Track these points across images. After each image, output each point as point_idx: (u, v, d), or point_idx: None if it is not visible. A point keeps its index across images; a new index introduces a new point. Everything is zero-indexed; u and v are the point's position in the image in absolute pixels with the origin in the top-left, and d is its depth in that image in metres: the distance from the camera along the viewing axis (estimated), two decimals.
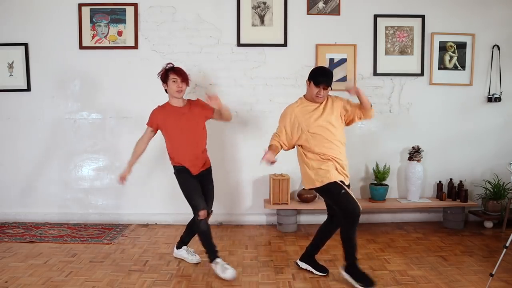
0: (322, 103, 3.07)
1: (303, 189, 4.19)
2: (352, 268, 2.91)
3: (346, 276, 2.91)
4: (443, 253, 3.51)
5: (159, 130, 3.26)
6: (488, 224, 4.24)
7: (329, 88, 3.02)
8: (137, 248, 3.64)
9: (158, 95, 4.21)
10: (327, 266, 3.23)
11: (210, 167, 3.36)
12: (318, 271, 3.11)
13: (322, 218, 4.35)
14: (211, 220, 4.31)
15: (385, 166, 4.24)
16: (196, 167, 3.22)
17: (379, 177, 4.18)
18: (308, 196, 4.15)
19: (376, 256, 3.46)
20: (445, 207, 4.24)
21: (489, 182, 4.25)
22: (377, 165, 4.23)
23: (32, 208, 4.36)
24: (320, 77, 2.99)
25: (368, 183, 4.31)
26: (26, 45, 4.22)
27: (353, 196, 2.90)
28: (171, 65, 3.24)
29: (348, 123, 3.15)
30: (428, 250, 3.59)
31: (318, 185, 2.96)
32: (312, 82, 3.01)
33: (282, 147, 3.08)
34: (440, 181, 4.36)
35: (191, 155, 3.20)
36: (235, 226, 4.28)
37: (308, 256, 3.18)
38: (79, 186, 4.37)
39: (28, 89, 4.28)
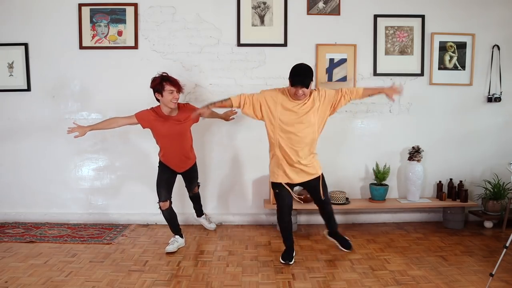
0: (304, 101, 3.13)
1: (303, 189, 4.19)
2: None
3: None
4: (443, 253, 3.51)
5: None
6: (488, 224, 4.24)
7: (308, 87, 3.03)
8: (137, 248, 3.64)
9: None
10: (327, 266, 3.24)
11: (195, 163, 3.76)
12: (342, 246, 3.54)
13: (322, 218, 4.38)
14: (213, 220, 4.31)
15: (385, 166, 4.24)
16: (181, 168, 3.61)
17: (379, 177, 4.18)
18: (308, 196, 4.14)
19: (376, 256, 3.46)
20: (445, 207, 4.24)
21: (489, 182, 4.25)
22: (377, 165, 4.23)
23: (32, 208, 4.36)
24: (296, 77, 3.00)
25: (368, 183, 4.31)
26: (26, 45, 4.22)
27: (285, 200, 3.25)
28: (165, 75, 3.33)
29: (333, 112, 3.31)
30: (428, 250, 3.59)
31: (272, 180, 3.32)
32: (290, 81, 3.04)
33: (240, 106, 3.17)
34: (440, 181, 4.36)
35: (177, 159, 3.55)
36: (235, 226, 4.28)
37: (332, 232, 3.60)
38: (79, 186, 4.37)
39: (28, 89, 4.28)
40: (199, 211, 4.08)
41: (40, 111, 4.30)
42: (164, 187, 3.51)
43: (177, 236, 3.64)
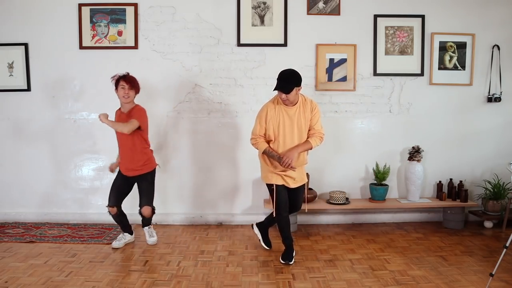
0: (295, 106, 3.21)
1: None
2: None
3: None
4: (443, 253, 3.51)
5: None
6: (488, 224, 4.24)
7: (295, 90, 3.10)
8: (137, 248, 3.64)
9: (158, 95, 4.24)
10: (327, 266, 3.24)
11: (151, 171, 3.66)
12: (264, 242, 3.59)
13: (322, 218, 4.40)
14: (213, 220, 4.32)
15: (385, 166, 4.24)
16: (129, 171, 3.58)
17: (379, 177, 4.18)
18: (308, 196, 4.14)
19: (376, 256, 3.46)
20: (445, 207, 4.24)
21: (489, 182, 4.25)
22: (377, 165, 4.23)
23: (32, 208, 4.36)
24: (279, 82, 3.10)
25: (368, 183, 4.31)
26: (26, 45, 4.22)
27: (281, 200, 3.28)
28: (126, 73, 3.50)
29: None
30: (428, 250, 3.59)
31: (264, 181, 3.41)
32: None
33: (267, 141, 3.29)
34: (440, 181, 4.36)
35: (124, 159, 3.58)
36: (235, 226, 4.28)
37: (264, 225, 3.61)
38: (79, 186, 4.37)
39: (28, 89, 4.28)
40: (143, 224, 3.82)
41: (40, 111, 4.30)
42: (114, 193, 3.61)
43: (126, 234, 3.74)
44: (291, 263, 3.29)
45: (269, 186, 3.34)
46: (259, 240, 3.63)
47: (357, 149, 4.34)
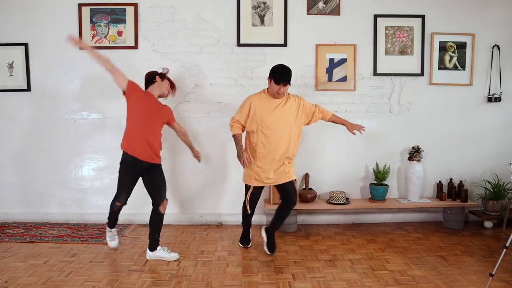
0: (282, 100, 3.41)
1: (303, 189, 4.20)
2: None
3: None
4: (443, 253, 3.51)
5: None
6: (488, 224, 4.24)
7: (289, 85, 3.33)
8: (137, 248, 3.64)
9: None
10: (327, 266, 3.24)
11: (161, 165, 3.50)
12: (268, 245, 3.54)
13: (322, 218, 4.40)
14: (213, 220, 4.31)
15: (385, 166, 4.24)
16: (149, 157, 3.34)
17: (379, 177, 4.18)
18: (308, 196, 4.15)
19: (376, 256, 3.46)
20: (445, 207, 4.24)
21: (489, 182, 4.25)
22: (377, 165, 4.23)
23: (32, 208, 4.36)
24: (280, 76, 3.30)
25: (368, 183, 4.31)
26: (26, 45, 4.22)
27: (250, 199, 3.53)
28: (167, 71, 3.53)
29: (308, 123, 3.59)
30: (428, 250, 3.59)
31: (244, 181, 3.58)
32: (272, 80, 3.31)
33: (242, 130, 3.49)
34: (440, 181, 4.36)
35: (142, 143, 3.31)
36: (235, 226, 4.28)
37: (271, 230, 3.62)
38: (79, 186, 4.37)
39: (28, 89, 4.28)
40: (157, 241, 3.43)
41: (40, 111, 4.30)
42: (126, 189, 3.35)
43: (114, 230, 3.59)
44: (249, 245, 3.63)
45: (246, 186, 3.60)
46: (264, 243, 3.60)
47: (357, 149, 4.34)
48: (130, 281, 2.98)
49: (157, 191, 3.39)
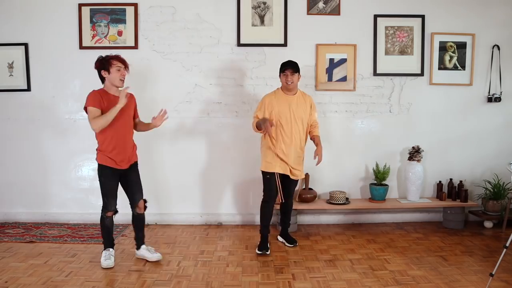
0: (297, 97, 3.49)
1: (303, 189, 4.20)
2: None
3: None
4: (443, 253, 3.51)
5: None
6: (488, 224, 4.24)
7: (297, 74, 3.45)
8: None
9: (158, 95, 4.24)
10: (327, 266, 3.24)
11: (137, 162, 3.37)
12: (288, 242, 3.68)
13: (322, 218, 4.40)
14: (213, 220, 4.30)
15: (385, 166, 4.24)
16: (125, 162, 3.21)
17: (379, 177, 4.18)
18: (308, 196, 4.15)
19: (376, 256, 3.46)
20: (445, 207, 4.24)
21: (489, 182, 4.25)
22: (377, 165, 4.23)
23: (32, 208, 4.36)
24: (284, 64, 3.46)
25: (368, 183, 4.31)
26: (26, 45, 4.22)
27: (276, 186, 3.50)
28: (117, 55, 3.17)
29: None
30: (428, 250, 3.59)
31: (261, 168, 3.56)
32: (280, 72, 3.49)
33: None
34: (440, 181, 4.36)
35: (121, 150, 3.17)
36: (235, 226, 4.28)
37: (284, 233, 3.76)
38: (79, 186, 4.37)
39: (28, 89, 4.28)
40: (141, 240, 3.42)
41: (40, 111, 4.30)
42: (113, 196, 3.20)
43: (111, 249, 3.29)
44: (268, 253, 3.46)
45: (265, 175, 3.52)
46: (284, 243, 3.74)
47: (357, 149, 4.34)
48: (130, 281, 2.98)
49: (131, 194, 3.32)
